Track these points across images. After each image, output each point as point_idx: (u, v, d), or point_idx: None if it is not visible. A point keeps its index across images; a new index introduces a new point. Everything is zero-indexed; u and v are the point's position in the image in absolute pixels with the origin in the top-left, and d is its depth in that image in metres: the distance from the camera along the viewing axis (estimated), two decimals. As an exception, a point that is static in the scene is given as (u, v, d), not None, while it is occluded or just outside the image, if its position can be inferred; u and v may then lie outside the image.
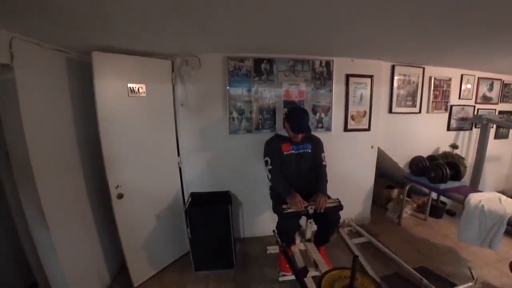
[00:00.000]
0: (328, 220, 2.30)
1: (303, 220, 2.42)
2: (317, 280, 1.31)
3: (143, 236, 2.51)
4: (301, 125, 2.35)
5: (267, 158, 2.42)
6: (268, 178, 2.43)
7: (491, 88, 4.22)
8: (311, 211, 2.20)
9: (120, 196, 2.23)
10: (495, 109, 4.32)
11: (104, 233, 2.45)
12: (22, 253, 2.08)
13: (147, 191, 2.47)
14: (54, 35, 1.78)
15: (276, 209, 2.32)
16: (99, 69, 2.01)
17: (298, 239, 2.68)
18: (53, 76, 1.97)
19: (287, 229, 2.28)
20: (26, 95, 1.68)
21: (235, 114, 2.90)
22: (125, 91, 2.22)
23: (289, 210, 2.19)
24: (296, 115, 2.40)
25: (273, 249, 2.95)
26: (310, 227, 2.36)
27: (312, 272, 2.21)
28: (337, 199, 2.32)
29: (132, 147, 2.33)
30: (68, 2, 1.28)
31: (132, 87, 2.26)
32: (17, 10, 1.33)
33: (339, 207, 2.26)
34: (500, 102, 4.35)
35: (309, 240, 2.48)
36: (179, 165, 2.81)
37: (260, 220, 3.25)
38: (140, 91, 2.32)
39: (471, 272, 2.15)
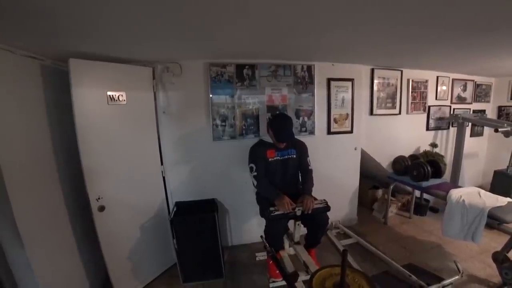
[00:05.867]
0: (317, 221, 2.30)
1: (291, 223, 2.40)
2: (308, 280, 1.29)
3: (127, 249, 2.41)
4: (285, 134, 2.34)
5: (252, 165, 2.41)
6: (253, 184, 2.43)
7: (464, 89, 4.41)
8: (298, 213, 2.19)
9: (101, 208, 2.14)
10: (470, 109, 4.50)
11: (85, 248, 2.32)
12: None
13: (130, 202, 2.39)
14: (27, 41, 1.71)
15: (264, 212, 2.30)
16: (77, 76, 1.95)
17: (287, 244, 2.66)
18: (26, 84, 1.88)
19: (275, 232, 2.26)
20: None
21: (218, 121, 2.88)
22: (105, 99, 2.16)
23: (277, 212, 2.18)
24: (280, 122, 2.40)
25: (262, 256, 2.91)
26: (298, 230, 2.35)
27: (303, 277, 2.18)
28: (324, 200, 2.32)
29: (113, 157, 2.26)
30: (42, 6, 1.24)
31: (112, 95, 2.20)
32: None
33: (327, 207, 2.26)
34: (473, 102, 4.56)
35: (297, 243, 2.45)
36: (162, 174, 2.74)
37: (247, 227, 3.21)
38: (120, 99, 2.26)
39: (457, 266, 2.20)
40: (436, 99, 4.13)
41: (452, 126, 4.33)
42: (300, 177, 2.57)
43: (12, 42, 1.69)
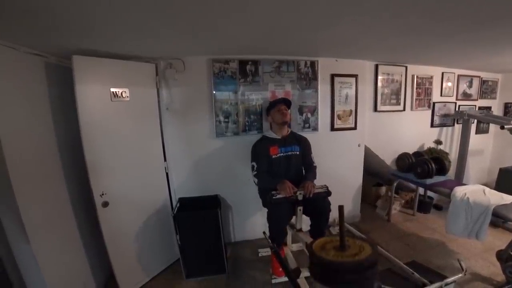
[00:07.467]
0: (318, 208, 2.30)
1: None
2: (308, 245, 1.32)
3: (131, 245, 2.43)
4: (280, 98, 2.61)
5: (253, 163, 2.43)
6: (255, 182, 2.44)
7: (470, 85, 4.36)
8: (300, 197, 2.22)
9: (105, 204, 2.16)
10: (475, 105, 4.46)
11: (90, 243, 2.35)
12: (2, 268, 1.96)
13: (133, 198, 2.40)
14: (28, 40, 1.72)
15: (266, 199, 2.30)
16: (80, 73, 1.96)
17: (289, 240, 2.66)
18: (30, 81, 1.89)
19: (277, 217, 2.26)
20: (0, 101, 1.60)
21: (221, 117, 2.87)
22: (108, 96, 2.16)
23: (278, 196, 2.19)
24: (275, 99, 2.70)
25: (265, 252, 2.92)
26: (300, 216, 2.34)
27: (305, 273, 2.19)
28: (325, 185, 2.33)
29: (117, 153, 2.27)
30: (41, 5, 1.24)
31: (115, 92, 2.20)
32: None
33: (327, 192, 2.28)
34: (479, 98, 4.50)
35: (300, 230, 2.44)
36: (166, 170, 2.75)
37: (250, 223, 3.22)
38: (124, 95, 2.26)
39: (460, 264, 2.18)
40: (441, 95, 4.09)
41: (457, 123, 4.28)
42: (303, 174, 2.56)
43: (15, 40, 1.70)
